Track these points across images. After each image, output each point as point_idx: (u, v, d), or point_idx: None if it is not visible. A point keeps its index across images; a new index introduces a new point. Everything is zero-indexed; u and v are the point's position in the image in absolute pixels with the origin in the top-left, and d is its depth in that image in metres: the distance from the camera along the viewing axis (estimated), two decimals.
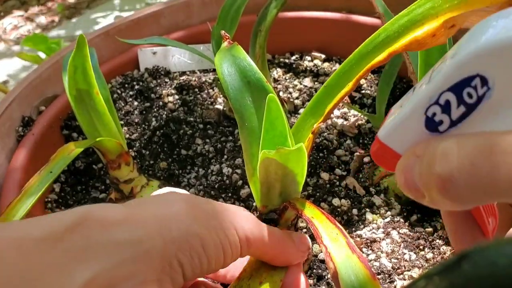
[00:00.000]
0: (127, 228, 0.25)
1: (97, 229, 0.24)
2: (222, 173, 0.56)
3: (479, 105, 0.19)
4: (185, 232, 0.26)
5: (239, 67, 0.38)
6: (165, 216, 0.26)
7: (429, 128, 0.21)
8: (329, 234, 0.31)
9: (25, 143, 0.58)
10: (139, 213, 0.26)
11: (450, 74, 0.19)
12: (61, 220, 0.24)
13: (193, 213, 0.27)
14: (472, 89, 0.19)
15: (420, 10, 0.31)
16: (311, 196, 0.53)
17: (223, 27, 0.57)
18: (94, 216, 0.24)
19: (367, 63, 0.34)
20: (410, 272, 0.44)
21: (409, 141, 0.22)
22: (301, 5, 0.78)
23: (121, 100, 0.69)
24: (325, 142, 0.59)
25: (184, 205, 0.28)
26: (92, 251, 0.23)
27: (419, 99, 0.21)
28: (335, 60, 0.75)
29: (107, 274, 0.23)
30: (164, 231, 0.25)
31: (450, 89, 0.20)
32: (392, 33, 0.33)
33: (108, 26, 0.73)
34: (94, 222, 0.24)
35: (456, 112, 0.20)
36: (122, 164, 0.50)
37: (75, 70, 0.44)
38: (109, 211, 0.25)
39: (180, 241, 0.26)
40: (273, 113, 0.34)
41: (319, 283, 0.44)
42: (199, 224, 0.27)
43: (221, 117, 0.66)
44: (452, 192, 0.18)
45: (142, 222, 0.25)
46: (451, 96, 0.20)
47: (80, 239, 0.23)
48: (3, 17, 1.56)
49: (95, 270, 0.22)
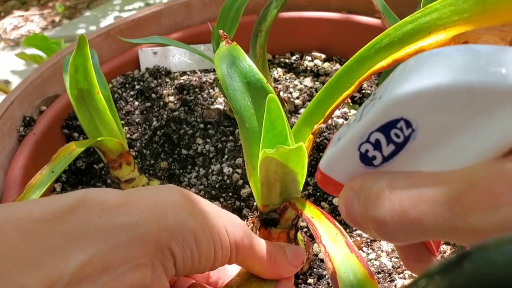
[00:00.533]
0: (125, 212, 0.25)
1: (95, 212, 0.24)
2: (223, 172, 0.56)
3: (407, 144, 0.20)
4: (181, 223, 0.26)
5: (238, 68, 0.38)
6: (163, 205, 0.27)
7: (364, 162, 0.22)
8: (328, 234, 0.31)
9: (27, 143, 0.58)
10: (137, 199, 0.26)
11: (377, 116, 0.20)
12: (60, 202, 0.24)
13: (190, 207, 0.28)
14: (399, 130, 0.20)
15: (426, 19, 0.31)
16: (312, 196, 0.53)
17: (224, 27, 0.57)
18: (93, 199, 0.25)
19: (369, 67, 0.34)
20: (410, 271, 0.45)
21: (347, 172, 0.23)
22: (302, 5, 0.78)
23: (122, 100, 0.69)
24: (326, 142, 0.59)
25: (182, 198, 0.28)
26: (89, 234, 0.23)
27: (352, 135, 0.22)
28: (336, 60, 0.75)
29: (102, 257, 0.23)
30: (161, 218, 0.26)
31: (379, 130, 0.20)
32: (396, 39, 0.32)
33: (109, 26, 0.73)
34: (92, 205, 0.24)
35: (387, 149, 0.21)
36: (123, 163, 0.50)
37: (76, 70, 0.44)
38: (108, 195, 0.25)
39: (175, 231, 0.26)
40: (273, 113, 0.34)
41: (319, 282, 0.45)
42: (194, 219, 0.27)
43: (221, 117, 0.66)
44: (387, 234, 0.19)
45: (140, 208, 0.26)
46: (380, 136, 0.21)
47: (78, 222, 0.23)
48: (4, 17, 1.56)
49: (90, 253, 0.23)
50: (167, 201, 0.27)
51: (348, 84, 0.35)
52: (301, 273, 0.45)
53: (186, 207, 0.27)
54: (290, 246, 0.35)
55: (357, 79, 0.35)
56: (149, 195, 0.27)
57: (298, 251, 0.35)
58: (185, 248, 0.26)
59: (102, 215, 0.24)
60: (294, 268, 0.34)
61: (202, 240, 0.27)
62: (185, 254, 0.26)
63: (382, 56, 0.33)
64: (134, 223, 0.25)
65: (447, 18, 0.29)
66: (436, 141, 0.19)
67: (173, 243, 0.26)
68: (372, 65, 0.34)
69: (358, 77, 0.35)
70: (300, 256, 0.35)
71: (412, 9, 0.62)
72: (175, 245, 0.26)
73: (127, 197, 0.26)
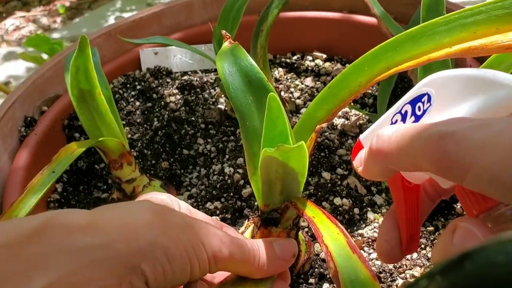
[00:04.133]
0: (90, 234, 0.25)
1: (59, 235, 0.24)
2: (224, 172, 0.56)
3: (422, 117, 0.28)
4: (152, 242, 0.26)
5: (240, 67, 0.38)
6: (135, 225, 0.27)
7: None
8: (330, 234, 0.31)
9: (28, 143, 0.58)
10: (104, 220, 0.26)
11: (412, 91, 0.29)
12: (23, 226, 0.24)
13: (162, 225, 0.28)
14: (422, 103, 0.28)
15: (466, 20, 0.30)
16: (313, 195, 0.53)
17: (225, 27, 0.57)
18: (58, 221, 0.24)
19: (386, 65, 0.33)
20: (411, 271, 0.44)
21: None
22: (303, 5, 0.78)
23: (123, 100, 0.69)
24: (327, 141, 0.59)
25: (153, 216, 0.28)
26: (52, 257, 0.23)
27: (390, 110, 0.30)
28: (337, 60, 0.75)
29: (64, 280, 0.23)
30: (131, 239, 0.26)
31: (409, 102, 0.29)
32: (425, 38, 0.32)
33: (110, 27, 0.73)
34: (56, 228, 0.24)
35: (409, 120, 0.28)
36: (124, 164, 0.50)
37: (77, 70, 0.44)
38: (73, 216, 0.25)
39: (145, 250, 0.26)
40: (274, 112, 0.34)
41: (321, 282, 0.45)
42: (167, 237, 0.27)
43: (222, 117, 0.66)
44: (381, 147, 0.26)
45: (107, 229, 0.25)
46: (409, 108, 0.29)
47: (41, 246, 0.23)
48: (5, 18, 1.56)
49: (51, 277, 0.23)
50: (138, 220, 0.27)
51: (356, 83, 0.35)
52: (303, 273, 0.44)
53: (158, 226, 0.27)
54: (279, 240, 0.34)
55: (370, 77, 0.34)
56: (118, 216, 0.27)
57: (287, 244, 0.34)
58: (156, 266, 0.26)
59: (66, 237, 0.24)
60: (285, 263, 0.34)
61: (175, 256, 0.27)
62: (156, 271, 0.26)
63: (404, 55, 0.32)
64: (99, 244, 0.25)
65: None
66: (441, 112, 0.26)
67: (144, 262, 0.26)
68: (389, 63, 0.33)
69: (371, 76, 0.34)
70: (289, 249, 0.34)
71: (413, 9, 0.62)
72: (145, 264, 0.26)
73: (94, 218, 0.26)
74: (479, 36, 0.29)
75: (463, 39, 0.30)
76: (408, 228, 0.31)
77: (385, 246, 0.32)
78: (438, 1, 0.44)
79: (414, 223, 0.31)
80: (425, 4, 0.45)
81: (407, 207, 0.31)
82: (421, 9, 0.45)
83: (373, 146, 0.27)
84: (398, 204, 0.31)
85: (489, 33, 0.29)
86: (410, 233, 0.31)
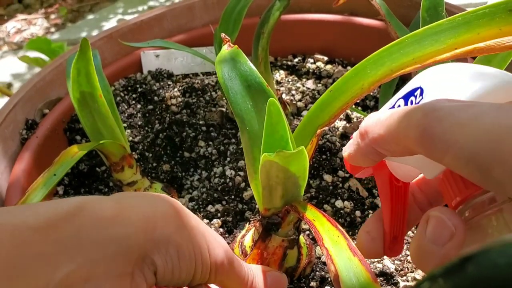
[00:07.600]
0: (117, 224, 0.26)
1: (90, 222, 0.25)
2: (225, 175, 0.56)
3: None
4: (167, 236, 0.27)
5: (239, 71, 0.38)
6: (154, 216, 0.27)
7: None
8: (330, 237, 0.31)
9: (29, 146, 0.58)
10: (130, 209, 0.27)
11: (406, 86, 0.29)
12: (56, 209, 0.24)
13: (178, 221, 0.28)
14: (414, 97, 0.28)
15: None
16: (314, 198, 0.53)
17: (226, 30, 0.57)
18: (88, 208, 0.25)
19: (389, 68, 0.33)
20: (413, 274, 0.44)
21: None
22: (304, 7, 0.78)
23: (124, 102, 0.69)
24: (328, 144, 0.59)
25: (173, 211, 0.28)
26: (81, 244, 0.24)
27: (385, 106, 0.31)
28: (338, 62, 0.75)
29: (88, 267, 0.24)
30: (149, 229, 0.26)
31: (403, 97, 0.29)
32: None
33: (111, 29, 0.73)
34: (87, 215, 0.25)
35: None
36: (125, 166, 0.50)
37: (78, 73, 0.44)
38: (102, 205, 0.26)
39: (160, 243, 0.27)
40: (274, 117, 0.34)
41: (322, 285, 0.44)
42: (181, 235, 0.28)
43: (224, 120, 0.66)
44: (370, 126, 0.27)
45: (132, 219, 0.26)
46: (402, 102, 0.29)
47: (72, 231, 0.24)
48: (7, 21, 1.57)
49: (79, 262, 0.23)
50: (158, 212, 0.28)
51: (358, 86, 0.35)
52: (304, 276, 0.44)
53: (175, 221, 0.28)
54: (273, 273, 0.36)
55: (372, 80, 0.34)
56: (142, 205, 0.28)
57: (279, 278, 0.36)
58: (167, 261, 0.27)
59: (95, 226, 0.25)
60: None
61: (185, 255, 0.28)
62: (167, 266, 0.27)
63: (408, 57, 0.32)
64: (125, 235, 0.25)
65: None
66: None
67: (157, 255, 0.26)
68: (393, 65, 0.33)
69: (374, 79, 0.34)
70: (280, 284, 0.36)
71: (414, 11, 0.62)
72: (158, 257, 0.26)
73: (121, 207, 0.26)
74: (483, 36, 0.30)
75: (467, 40, 0.30)
76: (392, 227, 0.31)
77: (365, 237, 0.32)
78: (437, 2, 0.45)
79: (400, 224, 0.31)
80: (424, 5, 0.45)
81: (393, 206, 0.31)
82: (421, 10, 0.45)
83: (362, 126, 0.27)
84: (384, 202, 0.31)
85: (492, 33, 0.29)
86: (394, 233, 0.31)
